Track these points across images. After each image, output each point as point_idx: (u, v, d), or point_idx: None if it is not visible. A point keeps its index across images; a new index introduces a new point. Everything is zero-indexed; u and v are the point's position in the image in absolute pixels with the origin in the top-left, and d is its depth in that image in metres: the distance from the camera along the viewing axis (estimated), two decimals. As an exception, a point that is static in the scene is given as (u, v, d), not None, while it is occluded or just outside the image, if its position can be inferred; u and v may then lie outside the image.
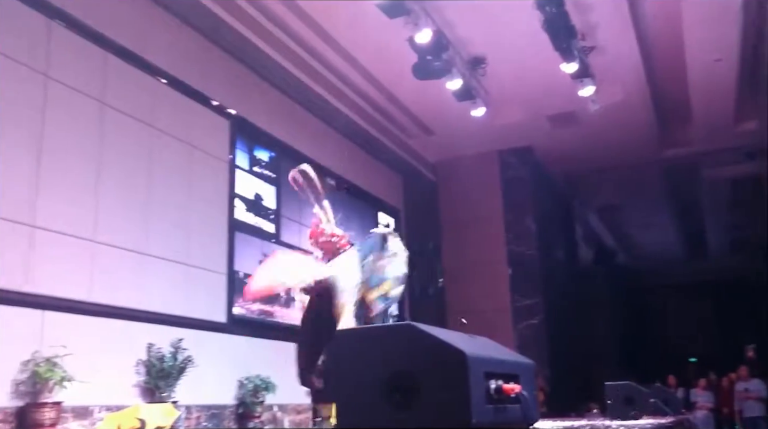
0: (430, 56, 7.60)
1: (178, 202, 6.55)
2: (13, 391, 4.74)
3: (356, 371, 1.90)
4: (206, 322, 6.66)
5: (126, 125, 6.04)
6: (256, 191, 7.82)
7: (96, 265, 5.54)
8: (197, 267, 6.68)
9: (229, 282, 7.06)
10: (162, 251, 6.24)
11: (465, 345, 1.79)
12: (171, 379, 5.82)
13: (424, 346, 1.79)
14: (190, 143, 6.82)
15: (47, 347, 4.86)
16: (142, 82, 6.30)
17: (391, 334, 1.96)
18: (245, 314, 7.30)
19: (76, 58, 5.61)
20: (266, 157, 8.09)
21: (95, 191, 5.64)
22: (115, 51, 6.00)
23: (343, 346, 2.01)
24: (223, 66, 7.46)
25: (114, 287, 5.68)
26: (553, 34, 7.24)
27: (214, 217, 7.05)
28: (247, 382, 6.84)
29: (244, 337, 7.15)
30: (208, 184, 7.01)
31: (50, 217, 5.18)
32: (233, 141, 7.48)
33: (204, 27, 7.06)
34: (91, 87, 5.72)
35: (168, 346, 5.94)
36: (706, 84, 8.93)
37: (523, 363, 2.14)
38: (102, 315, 5.52)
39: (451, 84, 8.27)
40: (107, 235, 5.67)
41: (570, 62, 7.78)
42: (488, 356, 1.92)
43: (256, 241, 7.66)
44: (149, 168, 6.26)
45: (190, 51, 6.97)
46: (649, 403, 4.84)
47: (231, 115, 7.45)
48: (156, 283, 6.12)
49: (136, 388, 5.74)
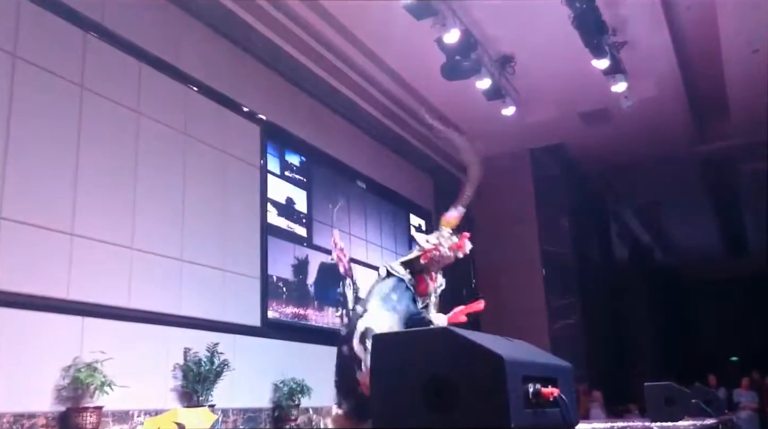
0: (458, 56, 7.57)
1: (211, 208, 6.64)
2: (56, 396, 4.84)
3: (395, 375, 1.90)
4: (241, 326, 6.72)
5: (160, 134, 6.14)
6: (288, 195, 7.88)
7: (134, 272, 5.63)
8: (232, 271, 6.75)
9: (262, 286, 7.12)
10: (197, 257, 6.33)
11: (502, 348, 1.77)
12: (208, 383, 5.88)
13: (462, 350, 1.78)
14: (223, 150, 6.90)
15: (88, 353, 4.96)
16: (175, 91, 6.39)
17: (428, 338, 1.95)
18: (279, 318, 7.35)
19: (110, 70, 5.72)
20: (297, 162, 8.15)
21: (132, 199, 5.74)
22: (149, 61, 6.11)
23: (382, 350, 2.01)
24: (253, 72, 7.53)
25: (151, 293, 5.77)
26: (583, 31, 7.15)
27: (247, 222, 7.13)
28: (283, 386, 6.89)
29: (279, 340, 7.21)
30: (240, 189, 7.09)
31: (89, 226, 5.28)
32: (264, 146, 7.55)
33: (235, 35, 7.14)
34: (126, 97, 5.83)
35: (204, 350, 6.01)
36: (742, 76, 8.73)
37: (560, 366, 2.11)
38: (140, 321, 5.61)
39: (480, 83, 8.23)
40: (144, 242, 5.77)
41: (601, 58, 7.67)
42: (526, 360, 1.90)
43: (288, 246, 7.71)
44: (183, 175, 6.35)
45: (221, 59, 7.05)
46: (690, 403, 4.74)
47: (262, 120, 7.52)
48: (192, 288, 6.20)
49: (173, 392, 5.82)
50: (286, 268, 7.61)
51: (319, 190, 8.40)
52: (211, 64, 6.88)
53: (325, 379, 3.85)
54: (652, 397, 4.67)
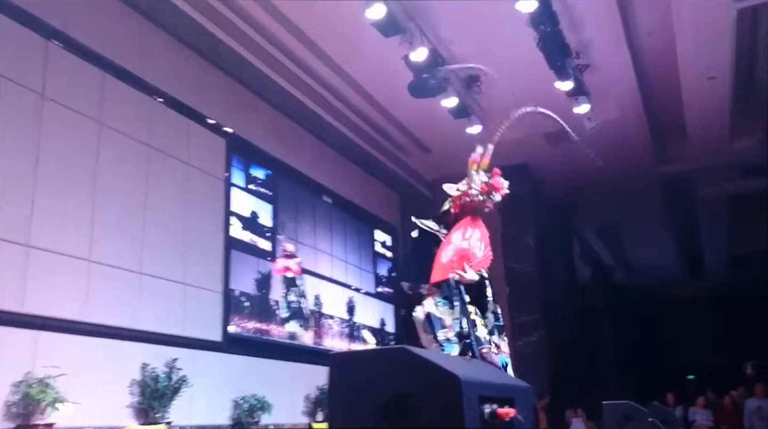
0: (425, 74, 7.63)
1: (174, 220, 6.54)
2: (5, 412, 4.69)
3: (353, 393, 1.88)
4: (201, 341, 6.62)
5: (123, 144, 6.04)
6: (252, 209, 7.81)
7: (91, 285, 5.51)
8: (193, 285, 6.65)
9: (224, 300, 7.03)
10: (157, 270, 6.22)
11: (459, 369, 1.78)
12: (165, 400, 5.77)
13: (419, 369, 1.78)
14: (187, 162, 6.82)
15: (40, 368, 4.82)
16: (139, 102, 6.31)
17: (385, 357, 1.94)
18: (241, 333, 7.26)
19: (73, 79, 5.62)
20: (262, 175, 8.10)
21: (91, 210, 5.63)
22: (113, 71, 6.02)
23: (339, 369, 1.99)
24: (219, 85, 7.48)
25: (109, 307, 5.65)
26: (547, 53, 7.28)
27: (210, 235, 7.04)
28: (243, 402, 6.79)
29: (240, 356, 7.11)
30: (204, 202, 7.01)
31: (46, 237, 5.16)
32: (229, 159, 7.49)
33: (201, 47, 7.10)
34: (88, 107, 5.73)
35: (163, 365, 5.89)
36: (700, 101, 8.97)
37: (518, 386, 2.12)
38: (96, 335, 5.48)
39: (446, 102, 8.30)
40: (103, 254, 5.65)
41: (564, 80, 7.81)
42: (483, 380, 1.91)
43: (252, 260, 7.64)
44: (146, 186, 6.26)
45: (187, 70, 7.00)
46: (647, 422, 4.81)
47: (227, 133, 7.47)
48: (151, 302, 6.08)
49: (129, 409, 5.69)
50: (249, 283, 7.52)
51: (284, 204, 8.35)
52: (176, 76, 6.81)
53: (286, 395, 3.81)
54: (610, 416, 4.74)
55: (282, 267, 7.95)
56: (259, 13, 7.02)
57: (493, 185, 3.52)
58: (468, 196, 3.50)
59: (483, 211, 3.62)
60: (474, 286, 3.53)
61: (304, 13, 7.15)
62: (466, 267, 3.46)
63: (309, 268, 8.69)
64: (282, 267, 7.95)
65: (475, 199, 3.48)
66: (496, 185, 3.52)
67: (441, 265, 3.40)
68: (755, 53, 8.34)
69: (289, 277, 7.99)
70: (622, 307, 18.87)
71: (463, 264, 3.46)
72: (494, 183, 3.50)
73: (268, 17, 7.12)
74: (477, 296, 3.58)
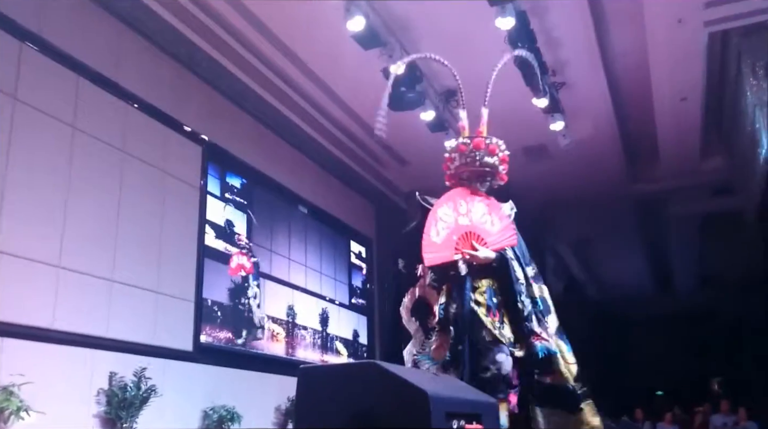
0: (404, 88, 7.68)
1: (147, 227, 6.48)
2: (-33, 421, 4.59)
3: (319, 408, 1.88)
4: (172, 351, 6.54)
5: (96, 149, 5.98)
6: (227, 218, 7.77)
7: (60, 291, 5.42)
8: (165, 294, 6.58)
9: (196, 309, 6.96)
10: (129, 277, 6.14)
11: (428, 384, 1.79)
12: (133, 409, 5.68)
13: (388, 384, 1.78)
14: (162, 169, 6.77)
15: (5, 375, 4.72)
16: (114, 107, 6.25)
17: (355, 372, 1.95)
18: (212, 342, 7.19)
19: (46, 82, 5.56)
20: (238, 184, 8.06)
21: (63, 215, 5.55)
22: (88, 75, 5.96)
23: (307, 383, 1.99)
24: (197, 92, 7.45)
25: (78, 314, 5.56)
26: (524, 70, 7.38)
27: (184, 243, 6.98)
28: (212, 413, 6.71)
29: (211, 366, 7.04)
30: (178, 210, 6.95)
31: (14, 242, 5.07)
32: (205, 167, 7.44)
33: (179, 54, 7.06)
34: (62, 111, 5.67)
35: (131, 375, 5.81)
36: (672, 122, 9.15)
37: (485, 402, 2.14)
38: (64, 342, 5.39)
39: (424, 115, 8.36)
40: (73, 260, 5.57)
41: (540, 98, 7.92)
42: (450, 396, 1.92)
43: (225, 269, 7.58)
44: (119, 193, 6.19)
45: (165, 77, 6.95)
46: (615, 438, 4.85)
47: (204, 140, 7.43)
48: (121, 310, 6.00)
49: (96, 418, 5.59)
50: (221, 292, 7.47)
51: (259, 214, 8.32)
52: (154, 82, 6.77)
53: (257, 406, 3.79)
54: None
55: (236, 265, 7.65)
56: (239, 22, 7.01)
57: (475, 144, 3.18)
58: (450, 161, 3.23)
59: (484, 180, 3.32)
60: (491, 268, 3.20)
61: (284, 22, 7.16)
62: (476, 245, 3.14)
63: (283, 277, 8.66)
64: (236, 265, 7.65)
65: (458, 163, 3.20)
66: (477, 144, 3.18)
67: (435, 246, 3.09)
68: (725, 76, 8.55)
69: (243, 277, 7.80)
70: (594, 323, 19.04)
71: (472, 242, 3.15)
72: (476, 142, 3.18)
73: (248, 26, 7.11)
74: (501, 282, 3.22)
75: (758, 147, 8.25)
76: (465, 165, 3.25)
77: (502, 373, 2.94)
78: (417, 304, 3.19)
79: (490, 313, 3.16)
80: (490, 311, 3.16)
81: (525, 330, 3.16)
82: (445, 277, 3.11)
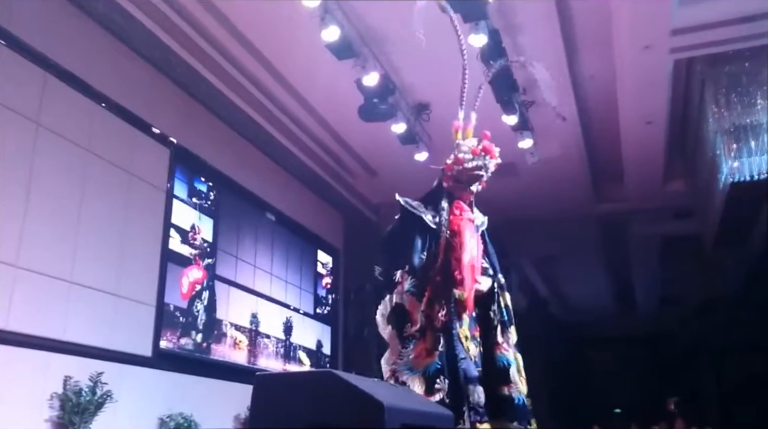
0: (376, 99, 7.73)
1: (110, 229, 6.37)
2: None
3: (274, 418, 1.87)
4: (130, 356, 6.42)
5: (60, 147, 5.86)
6: (193, 222, 7.68)
7: (15, 292, 5.29)
8: (125, 297, 6.46)
9: (157, 314, 6.85)
10: (89, 279, 6.02)
11: (384, 395, 1.79)
12: (87, 415, 5.55)
13: (343, 395, 1.78)
14: (127, 170, 6.67)
15: (-46, 376, 4.59)
16: (81, 106, 6.15)
17: (311, 381, 1.94)
18: (173, 348, 7.08)
19: (11, 76, 5.45)
20: (205, 189, 7.99)
21: (22, 213, 5.43)
22: (56, 72, 5.86)
23: (263, 391, 1.98)
24: (169, 95, 7.38)
25: (34, 316, 5.43)
26: (496, 87, 7.48)
27: (147, 246, 6.88)
28: (169, 420, 6.59)
29: (170, 372, 6.92)
30: (143, 212, 6.85)
31: (-30, 239, 4.95)
32: (172, 170, 7.36)
33: (152, 56, 6.99)
34: (26, 106, 5.56)
35: (87, 379, 5.69)
36: (637, 145, 9.36)
37: (441, 414, 2.15)
38: (17, 344, 5.25)
39: (395, 127, 8.41)
40: (30, 260, 5.44)
41: (510, 115, 8.03)
42: (406, 407, 1.93)
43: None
44: (82, 192, 6.08)
45: (137, 79, 6.88)
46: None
47: (172, 143, 7.35)
48: (79, 313, 5.88)
49: (48, 423, 5.44)
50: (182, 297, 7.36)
51: (226, 220, 8.25)
52: (125, 83, 6.69)
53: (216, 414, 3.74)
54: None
55: (188, 284, 7.37)
56: (214, 27, 6.99)
57: (486, 148, 3.09)
58: (460, 163, 3.10)
59: (476, 187, 3.22)
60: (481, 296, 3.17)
61: (260, 30, 7.17)
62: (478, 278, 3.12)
63: (248, 284, 8.58)
64: (188, 284, 7.37)
65: (469, 166, 3.09)
66: (488, 149, 3.10)
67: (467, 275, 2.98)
68: (689, 102, 8.79)
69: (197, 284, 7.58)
70: (556, 339, 19.28)
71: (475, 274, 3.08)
72: (486, 146, 3.08)
73: (223, 31, 7.10)
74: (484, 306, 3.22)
75: (718, 173, 8.49)
76: (477, 170, 3.14)
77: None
78: (393, 312, 3.07)
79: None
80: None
81: (491, 339, 3.17)
82: (427, 284, 3.03)
